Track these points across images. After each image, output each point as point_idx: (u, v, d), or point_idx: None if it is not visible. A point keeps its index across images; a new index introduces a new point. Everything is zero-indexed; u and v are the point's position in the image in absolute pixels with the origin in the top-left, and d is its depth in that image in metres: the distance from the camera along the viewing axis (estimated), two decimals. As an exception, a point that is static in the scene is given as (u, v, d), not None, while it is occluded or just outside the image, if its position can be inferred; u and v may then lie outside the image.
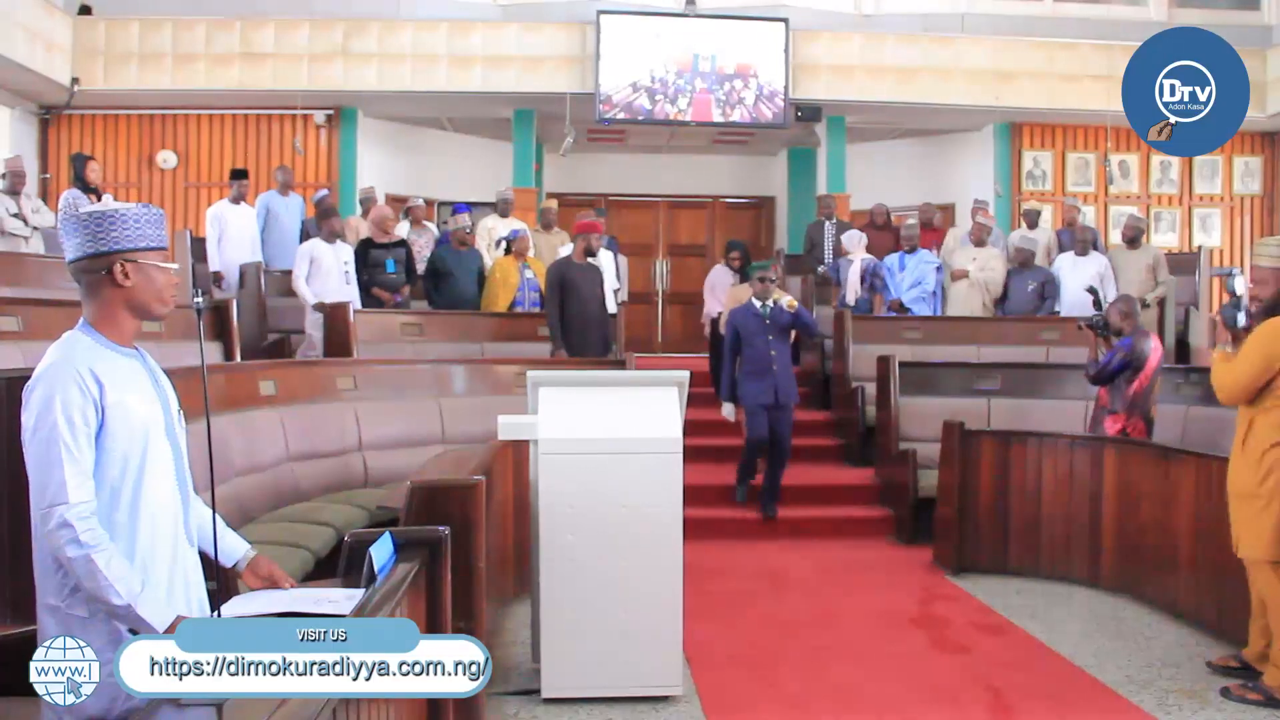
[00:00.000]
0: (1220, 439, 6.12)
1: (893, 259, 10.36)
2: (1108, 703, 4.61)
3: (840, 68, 12.96)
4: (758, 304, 7.50)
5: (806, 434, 8.95)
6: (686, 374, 4.72)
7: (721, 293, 10.01)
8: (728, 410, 7.74)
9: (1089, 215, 13.30)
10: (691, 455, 5.08)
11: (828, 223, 11.62)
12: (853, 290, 10.15)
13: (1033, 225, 11.35)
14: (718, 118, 12.93)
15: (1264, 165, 14.32)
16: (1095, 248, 10.35)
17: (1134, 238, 10.27)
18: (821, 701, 4.59)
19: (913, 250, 10.34)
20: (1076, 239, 10.28)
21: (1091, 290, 7.60)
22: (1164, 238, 13.90)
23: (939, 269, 10.27)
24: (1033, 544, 6.68)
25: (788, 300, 7.44)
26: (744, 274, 9.30)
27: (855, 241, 10.34)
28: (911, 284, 10.16)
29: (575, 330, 8.22)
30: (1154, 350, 6.69)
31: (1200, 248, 12.49)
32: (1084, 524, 6.46)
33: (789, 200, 15.30)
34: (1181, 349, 10.42)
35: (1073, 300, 9.89)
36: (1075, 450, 6.58)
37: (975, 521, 6.80)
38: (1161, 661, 5.13)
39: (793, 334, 8.06)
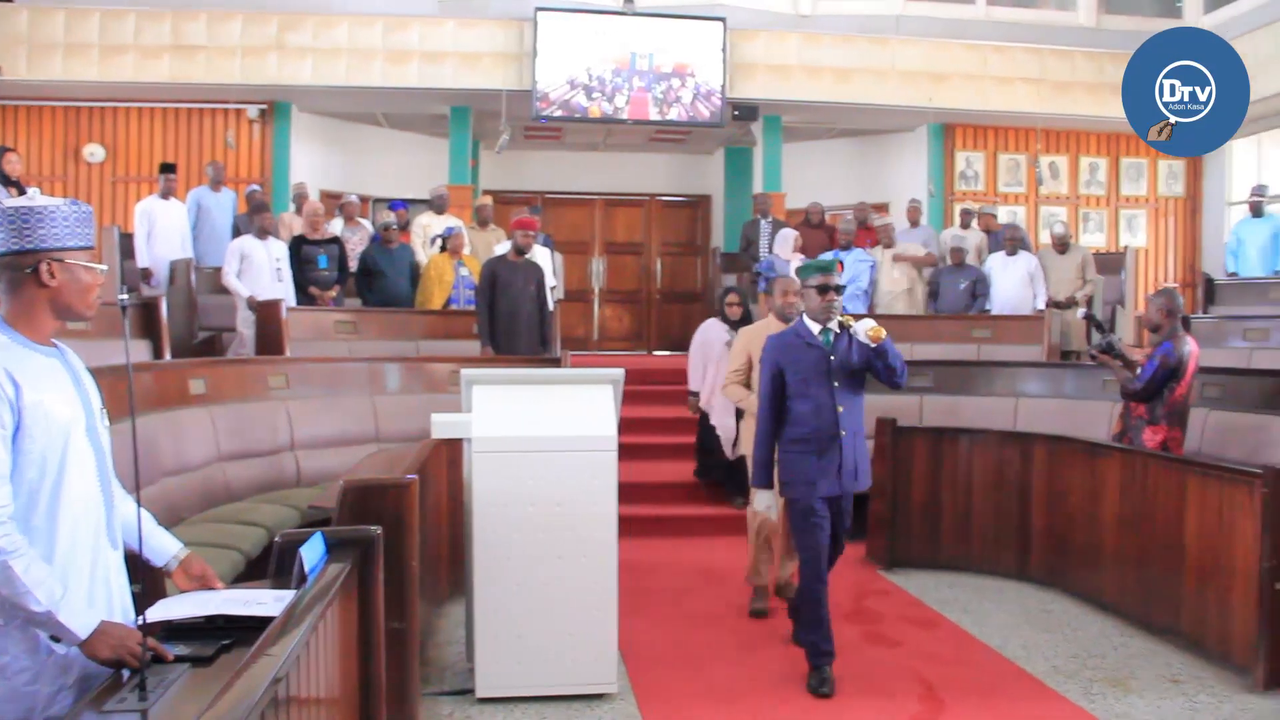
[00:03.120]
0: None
1: (827, 257, 10.42)
2: (1035, 692, 4.70)
3: (777, 67, 13.03)
4: (814, 329, 4.78)
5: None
6: (621, 371, 4.73)
7: (713, 357, 7.52)
8: (762, 502, 5.49)
9: (1019, 215, 13.51)
10: (626, 453, 5.09)
11: (763, 221, 11.69)
12: (792, 285, 10.20)
13: (966, 225, 11.55)
14: (655, 116, 12.94)
15: (1186, 169, 14.64)
16: (1024, 247, 10.55)
17: (1062, 243, 10.49)
18: (756, 695, 4.62)
19: (848, 248, 10.43)
20: (1005, 238, 10.45)
21: (1088, 317, 7.65)
22: (1092, 238, 14.16)
23: (873, 267, 10.37)
24: (964, 539, 6.78)
25: (869, 327, 4.58)
26: (744, 319, 7.51)
27: (786, 240, 10.38)
28: (845, 282, 10.22)
29: (504, 328, 8.22)
30: (1193, 352, 6.06)
31: (1127, 248, 12.75)
32: (1014, 519, 6.56)
33: (725, 199, 15.36)
34: (1109, 345, 10.60)
35: (1004, 299, 10.08)
36: (1005, 446, 6.68)
37: (908, 517, 6.89)
38: (1087, 652, 5.23)
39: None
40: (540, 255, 9.36)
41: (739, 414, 6.63)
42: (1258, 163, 13.92)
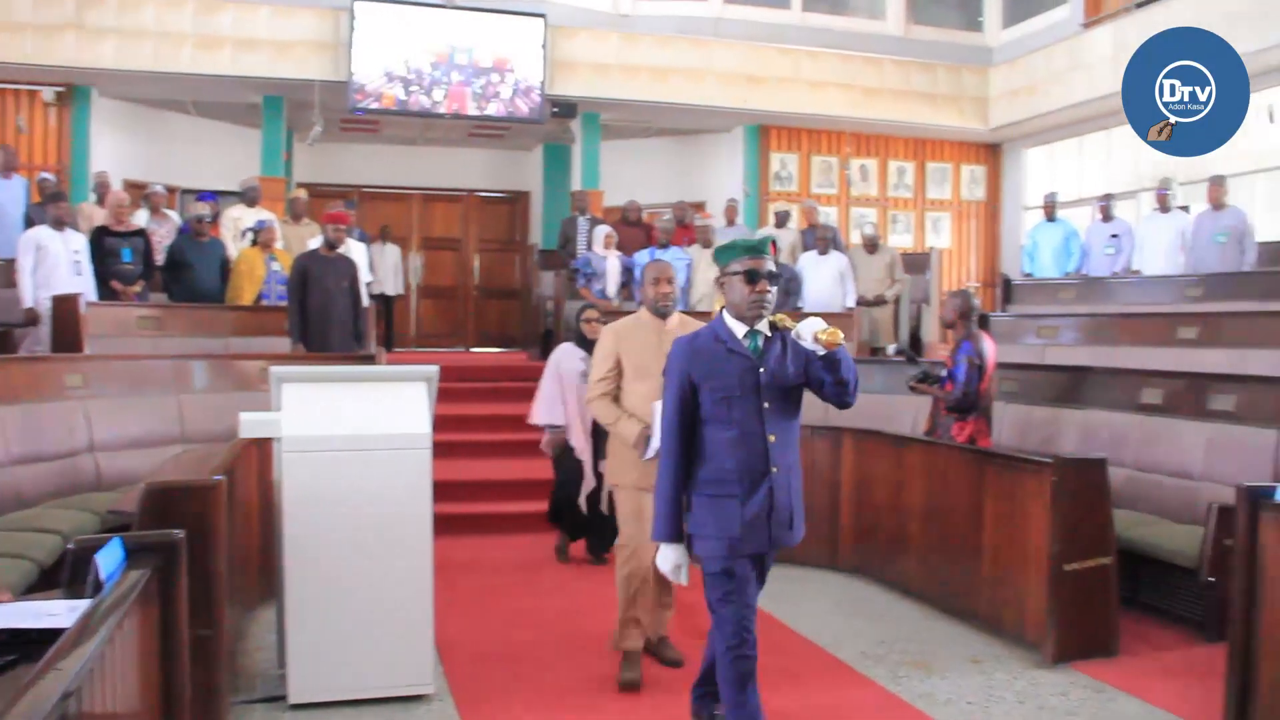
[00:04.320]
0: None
1: (644, 255, 10.55)
2: (845, 677, 4.86)
3: (597, 65, 13.11)
4: (738, 330, 3.62)
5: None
6: (436, 369, 4.69)
7: (571, 385, 6.56)
8: (669, 560, 3.68)
9: (831, 216, 13.94)
10: (442, 450, 5.06)
11: (582, 218, 11.74)
12: (613, 283, 10.26)
13: (781, 225, 11.86)
14: (473, 111, 12.86)
15: (987, 174, 15.40)
16: (836, 247, 10.90)
17: (871, 244, 10.90)
18: (576, 693, 4.63)
19: (666, 247, 10.57)
20: (818, 238, 10.78)
21: (901, 352, 7.85)
22: (900, 239, 14.74)
23: (689, 265, 10.53)
24: (776, 531, 6.93)
25: (820, 329, 3.42)
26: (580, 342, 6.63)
27: (599, 237, 10.45)
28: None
29: (315, 324, 8.04)
30: (991, 348, 6.30)
31: (932, 249, 13.34)
32: (824, 510, 6.75)
33: (544, 195, 15.37)
34: (914, 343, 11.09)
35: (815, 297, 10.37)
36: (815, 440, 6.87)
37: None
38: (894, 637, 5.44)
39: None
40: (355, 250, 9.20)
41: (597, 437, 6.24)
42: (1051, 170, 14.72)
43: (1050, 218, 11.78)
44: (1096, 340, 8.50)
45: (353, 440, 4.35)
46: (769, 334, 3.61)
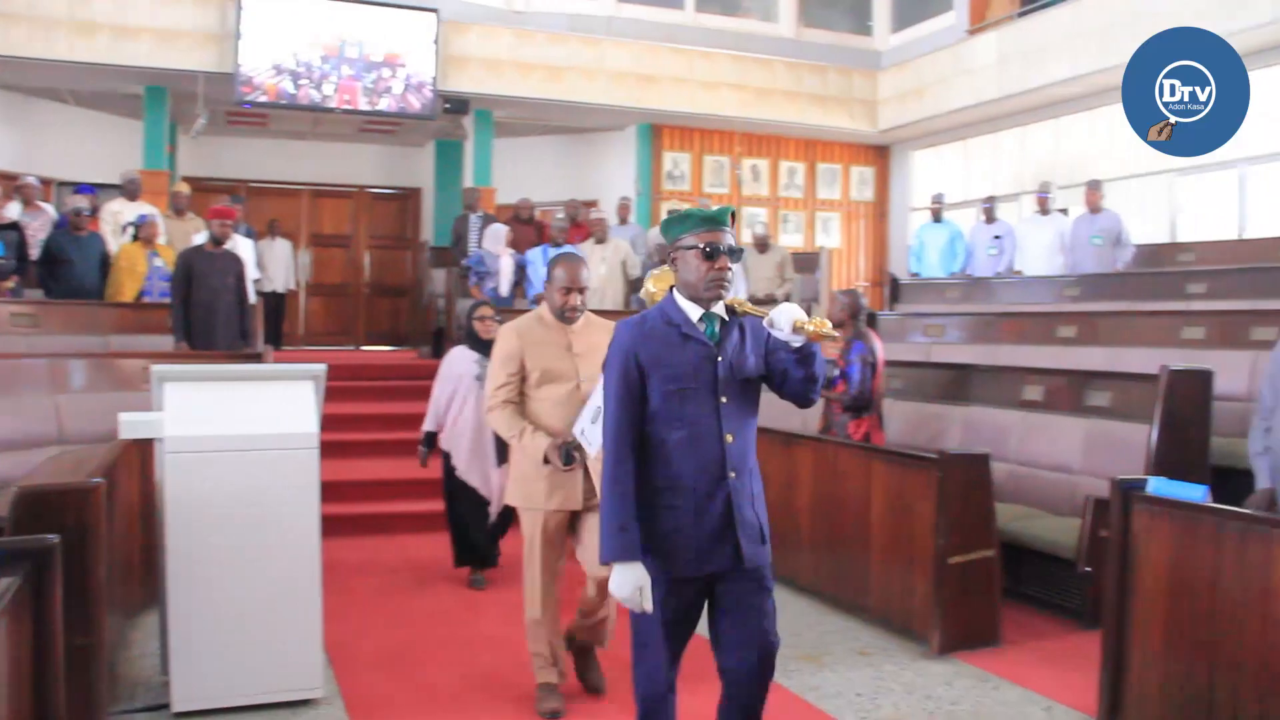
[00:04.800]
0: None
1: (536, 253, 10.53)
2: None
3: (490, 62, 13.03)
4: (692, 313, 3.13)
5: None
6: (323, 367, 4.61)
7: (466, 392, 6.18)
8: (627, 584, 3.01)
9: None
10: (331, 450, 4.98)
11: (474, 216, 11.64)
12: (506, 282, 10.19)
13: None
14: (364, 106, 12.68)
15: (876, 175, 15.69)
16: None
17: (762, 243, 11.02)
18: (466, 694, 4.60)
19: (559, 245, 10.55)
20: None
21: None
22: (791, 238, 14.93)
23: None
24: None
25: (800, 318, 2.97)
26: (473, 344, 6.26)
27: (498, 236, 10.38)
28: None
29: (200, 322, 7.87)
30: (880, 346, 6.45)
31: (822, 248, 13.55)
32: (717, 508, 6.81)
33: (435, 192, 15.23)
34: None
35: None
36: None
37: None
38: (786, 632, 5.43)
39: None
40: (241, 246, 9.01)
41: (499, 450, 6.02)
42: (937, 172, 15.06)
43: (936, 219, 12.06)
44: (980, 339, 8.71)
45: (237, 440, 4.25)
46: (725, 318, 3.13)
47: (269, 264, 12.14)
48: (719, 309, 3.12)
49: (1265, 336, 6.43)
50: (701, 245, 3.06)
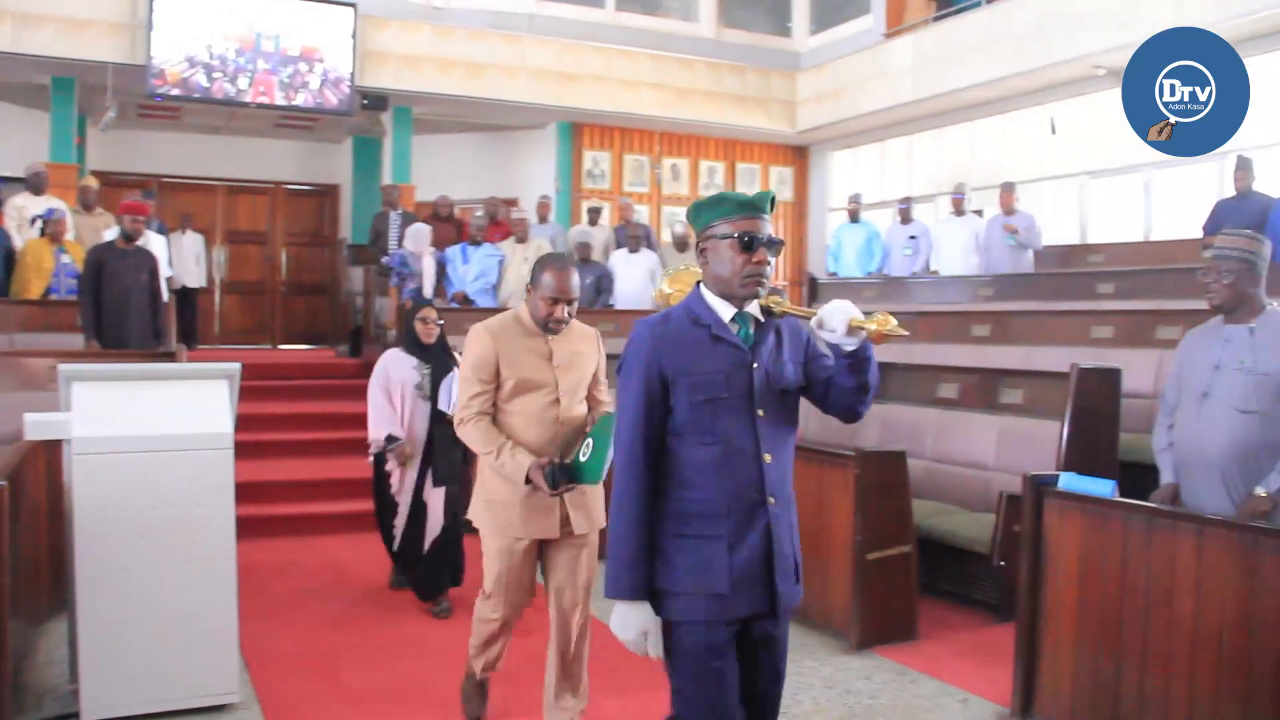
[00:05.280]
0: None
1: (455, 251, 10.46)
2: (662, 674, 4.90)
3: (409, 58, 12.91)
4: (724, 312, 2.67)
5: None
6: (238, 366, 4.54)
7: (399, 391, 5.72)
8: (633, 625, 2.61)
9: (643, 214, 14.08)
10: (247, 451, 4.90)
11: (393, 213, 11.54)
12: (429, 282, 10.10)
13: (594, 222, 11.94)
14: (280, 101, 12.49)
15: (794, 175, 15.83)
16: (647, 244, 11.04)
17: (682, 242, 11.08)
18: (388, 697, 4.56)
19: (478, 243, 10.50)
20: (629, 235, 10.90)
21: None
22: (711, 238, 14.96)
23: (501, 262, 10.49)
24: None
25: (867, 319, 2.54)
26: (442, 346, 5.87)
27: (421, 236, 10.28)
28: (476, 276, 10.30)
29: (111, 320, 7.72)
30: None
31: (741, 248, 13.60)
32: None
33: (354, 189, 15.04)
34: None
35: (627, 294, 10.48)
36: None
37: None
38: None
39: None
40: (154, 243, 8.83)
41: (440, 469, 5.68)
42: (855, 173, 15.25)
43: (854, 219, 12.22)
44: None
45: (149, 441, 4.16)
46: (761, 319, 2.70)
47: (178, 257, 11.87)
48: (753, 308, 2.69)
49: (1170, 336, 6.60)
50: (737, 234, 2.62)
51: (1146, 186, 11.48)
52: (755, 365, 2.63)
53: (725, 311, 2.66)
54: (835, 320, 2.52)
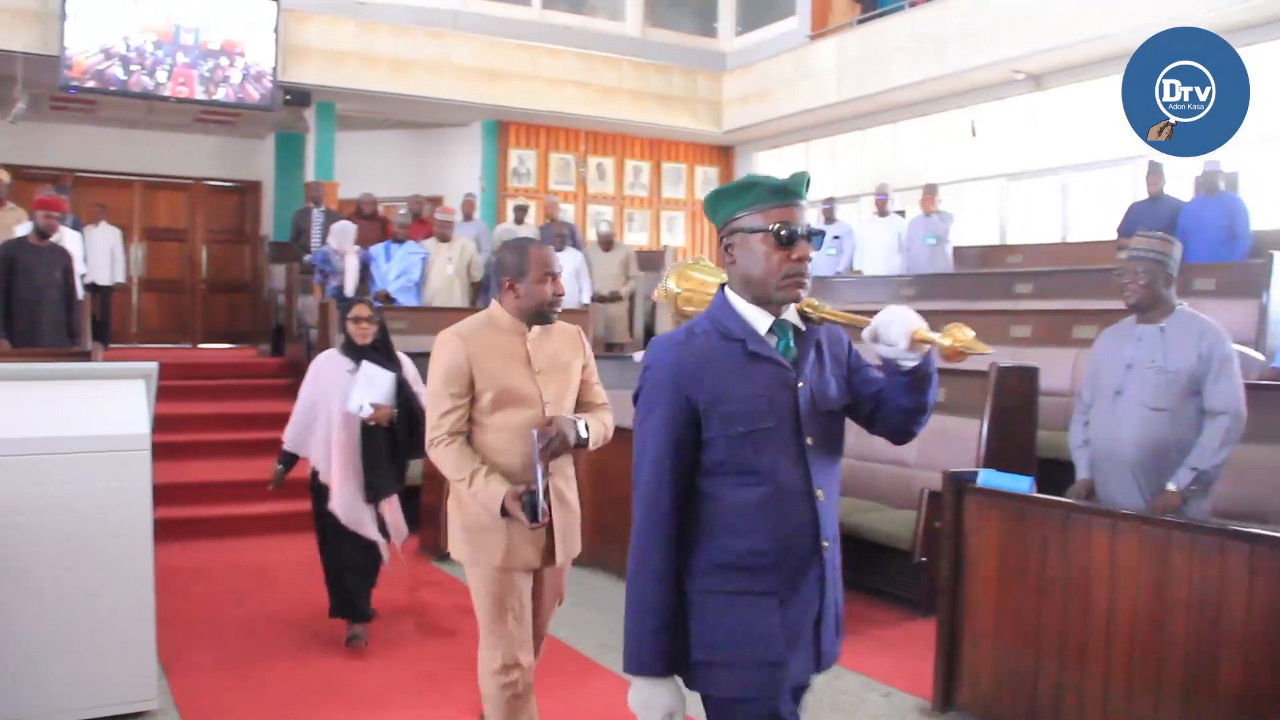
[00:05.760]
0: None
1: (379, 249, 10.37)
2: (584, 669, 4.93)
3: (332, 53, 12.75)
4: (759, 322, 2.23)
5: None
6: (155, 365, 4.45)
7: (337, 401, 4.94)
8: (658, 707, 2.16)
9: (569, 213, 14.07)
10: (165, 452, 4.81)
11: (316, 210, 11.41)
12: (351, 280, 9.99)
13: (519, 220, 11.90)
14: (200, 95, 12.26)
15: (720, 175, 15.92)
16: (573, 243, 11.04)
17: (607, 241, 11.10)
18: (311, 699, 4.50)
19: (401, 241, 10.41)
20: (555, 234, 10.88)
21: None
22: (635, 236, 15.03)
23: (424, 260, 10.41)
24: (516, 527, 6.94)
25: (943, 335, 2.12)
26: (381, 347, 5.13)
27: (345, 233, 10.16)
28: (398, 274, 10.22)
29: (23, 318, 7.55)
30: None
31: (666, 247, 13.71)
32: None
33: (276, 186, 14.79)
34: (649, 337, 11.36)
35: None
36: (552, 435, 6.90)
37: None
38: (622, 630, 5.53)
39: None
40: (69, 239, 8.63)
41: (373, 483, 5.00)
42: (780, 173, 15.29)
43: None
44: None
45: (62, 443, 4.06)
46: (801, 328, 2.29)
47: (92, 252, 11.55)
48: (790, 314, 2.27)
49: (1086, 335, 6.74)
50: (773, 227, 2.20)
51: (1064, 189, 11.71)
52: (800, 384, 2.23)
53: (761, 321, 2.23)
54: (894, 333, 2.15)
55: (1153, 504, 4.01)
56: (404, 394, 4.98)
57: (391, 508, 5.10)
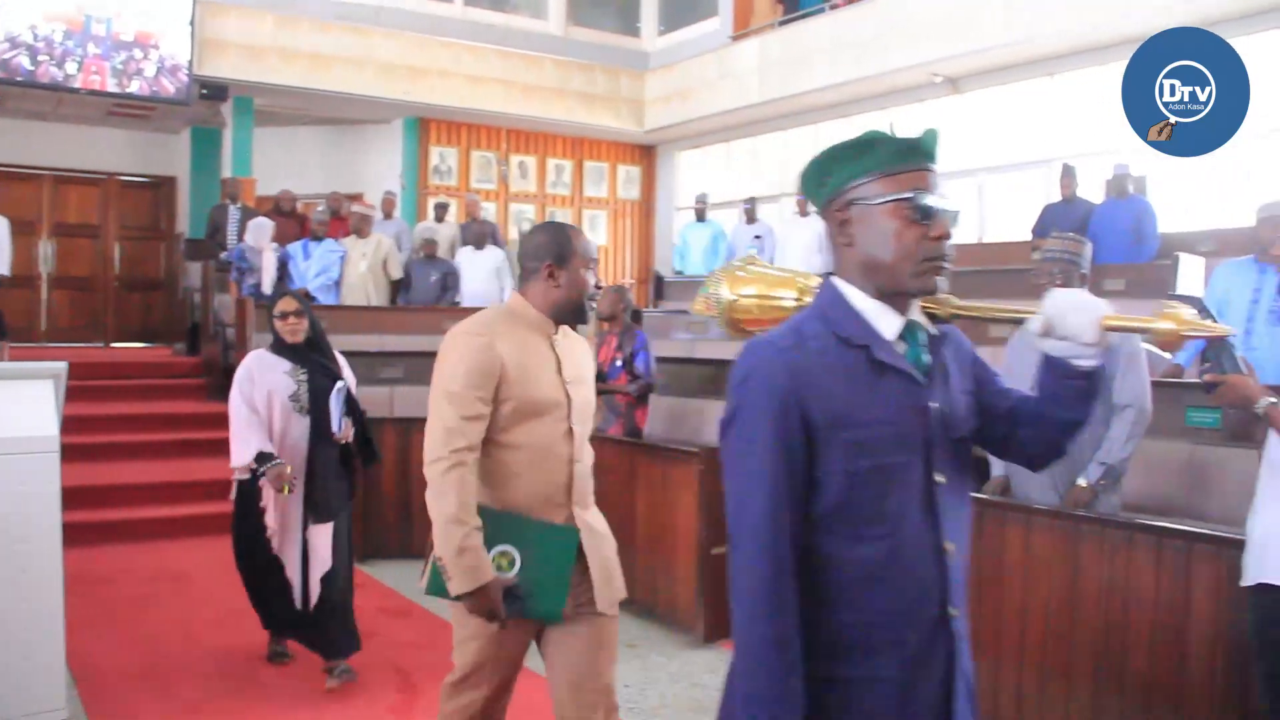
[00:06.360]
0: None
1: (297, 247, 10.24)
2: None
3: (251, 48, 12.52)
4: (887, 326, 1.78)
5: (206, 426, 8.56)
6: (64, 365, 4.34)
7: (266, 402, 4.53)
8: None
9: (490, 211, 13.99)
10: (76, 453, 4.69)
11: (233, 207, 11.23)
12: (269, 277, 9.84)
13: (440, 218, 11.82)
14: (113, 88, 11.97)
15: (642, 174, 15.95)
16: (494, 242, 11.00)
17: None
18: (225, 706, 4.43)
19: (319, 239, 10.30)
20: (476, 232, 10.85)
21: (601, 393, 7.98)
22: (559, 235, 14.96)
23: (342, 258, 10.30)
24: (438, 528, 6.91)
25: (1124, 321, 1.85)
26: (314, 345, 4.67)
27: (262, 230, 10.00)
28: (317, 272, 10.10)
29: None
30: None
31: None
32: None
33: (191, 181, 14.49)
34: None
35: (473, 291, 10.43)
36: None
37: (379, 508, 6.93)
38: (551, 629, 5.53)
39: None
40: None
41: (322, 498, 4.58)
42: (702, 172, 15.44)
43: (700, 218, 12.40)
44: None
45: (-37, 445, 3.95)
46: (934, 333, 1.87)
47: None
48: (914, 311, 1.83)
49: (1001, 334, 6.85)
50: (907, 195, 1.74)
51: (980, 190, 11.90)
52: (933, 405, 1.77)
53: (888, 322, 1.78)
54: (1075, 323, 1.77)
55: (1065, 499, 4.10)
56: (351, 399, 4.64)
57: (323, 538, 4.61)
